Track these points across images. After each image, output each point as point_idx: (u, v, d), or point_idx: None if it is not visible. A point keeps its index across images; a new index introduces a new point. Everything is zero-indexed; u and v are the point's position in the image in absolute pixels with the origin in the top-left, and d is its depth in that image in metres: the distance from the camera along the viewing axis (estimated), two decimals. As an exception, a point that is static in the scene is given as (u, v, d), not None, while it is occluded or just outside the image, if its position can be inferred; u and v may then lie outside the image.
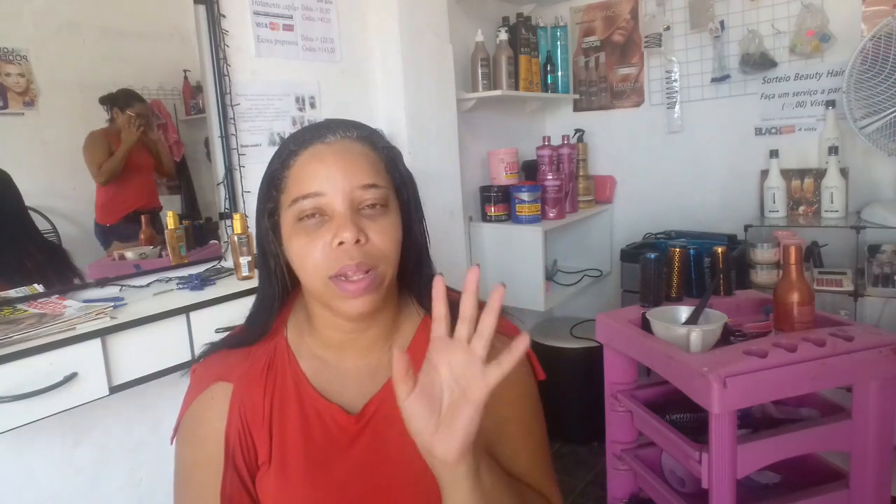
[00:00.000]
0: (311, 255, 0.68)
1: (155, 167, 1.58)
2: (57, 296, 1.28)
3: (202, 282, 1.44)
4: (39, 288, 1.26)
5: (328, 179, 0.69)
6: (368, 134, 0.75)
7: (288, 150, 0.72)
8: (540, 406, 0.83)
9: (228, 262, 1.60)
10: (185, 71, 1.57)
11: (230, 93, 1.63)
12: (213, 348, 0.80)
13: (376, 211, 0.70)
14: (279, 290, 0.77)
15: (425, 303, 0.80)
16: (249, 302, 0.82)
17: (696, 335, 1.30)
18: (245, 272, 1.47)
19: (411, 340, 0.79)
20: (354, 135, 0.73)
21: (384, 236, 0.70)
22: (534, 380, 0.83)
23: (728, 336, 1.41)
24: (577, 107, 2.91)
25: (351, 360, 0.77)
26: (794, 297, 1.36)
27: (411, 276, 0.80)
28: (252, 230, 1.48)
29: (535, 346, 2.62)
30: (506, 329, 0.80)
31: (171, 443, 0.77)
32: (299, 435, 0.73)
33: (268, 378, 0.75)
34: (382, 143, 0.75)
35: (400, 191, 0.76)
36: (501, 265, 2.39)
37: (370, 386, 0.76)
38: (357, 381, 0.76)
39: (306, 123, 1.84)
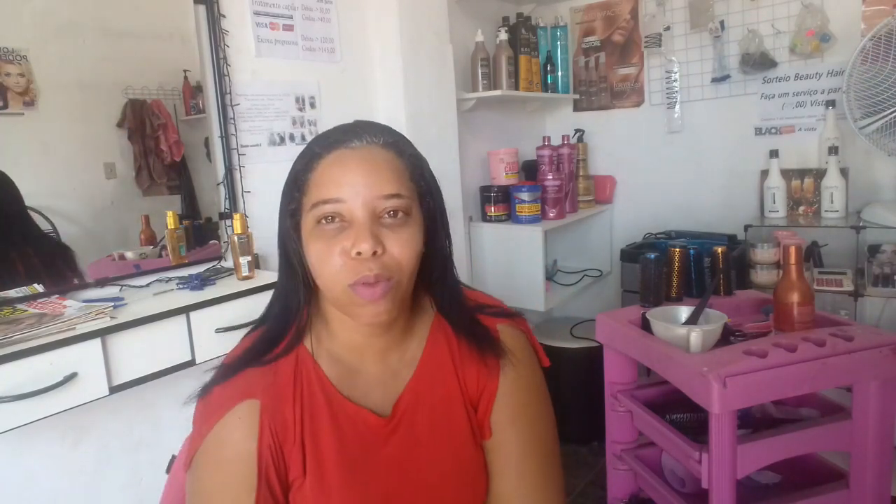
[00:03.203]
0: (330, 262, 0.68)
1: None
2: (57, 296, 1.28)
3: (202, 282, 1.44)
4: (39, 288, 1.26)
5: (350, 186, 0.68)
6: (395, 140, 0.74)
7: (312, 153, 0.72)
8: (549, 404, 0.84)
9: (228, 262, 1.60)
10: (185, 71, 1.57)
11: (230, 93, 1.63)
12: (229, 372, 0.74)
13: (397, 220, 0.69)
14: (303, 285, 0.75)
15: (447, 311, 0.81)
16: (249, 301, 0.82)
17: (696, 335, 1.30)
18: (245, 272, 1.46)
19: (427, 340, 0.80)
20: (381, 141, 0.72)
21: (403, 248, 0.69)
22: (540, 371, 0.85)
23: (728, 336, 1.41)
24: (577, 107, 2.91)
25: (371, 362, 0.77)
26: (794, 297, 1.36)
27: (436, 283, 0.80)
28: (252, 230, 1.49)
29: (535, 346, 2.63)
30: (511, 321, 0.84)
31: (185, 470, 0.72)
32: (334, 443, 0.72)
33: (295, 390, 0.73)
34: (409, 151, 0.74)
35: (424, 199, 0.74)
36: (501, 265, 2.39)
37: (394, 386, 0.77)
38: (380, 383, 0.77)
39: (306, 123, 1.84)
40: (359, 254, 0.66)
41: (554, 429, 0.83)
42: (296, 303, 0.76)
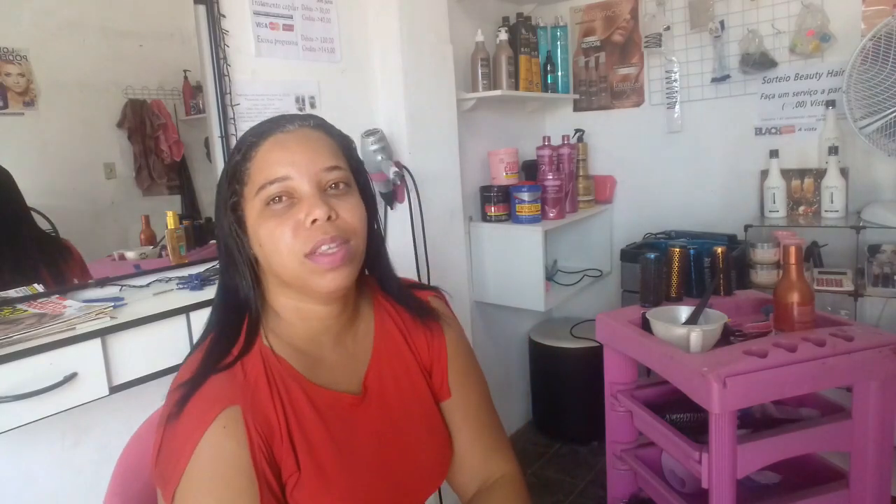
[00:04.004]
0: (284, 237, 0.70)
1: None
2: (57, 296, 1.28)
3: (202, 282, 1.44)
4: (39, 288, 1.26)
5: (293, 164, 0.71)
6: (321, 122, 0.79)
7: (248, 143, 0.74)
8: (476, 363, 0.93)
9: (228, 262, 1.60)
10: (185, 71, 1.57)
11: (230, 93, 1.63)
12: (195, 384, 0.69)
13: (341, 190, 0.74)
14: (249, 282, 0.75)
15: (388, 286, 0.87)
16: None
17: (696, 335, 1.30)
18: (245, 272, 1.46)
19: (374, 319, 0.85)
20: (311, 123, 0.77)
21: (353, 212, 0.74)
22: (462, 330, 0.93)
23: (728, 336, 1.41)
24: (577, 107, 2.91)
25: (329, 348, 0.79)
26: (794, 297, 1.36)
27: (374, 262, 0.84)
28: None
29: (535, 346, 2.63)
30: (430, 293, 0.93)
31: (170, 501, 0.65)
32: (322, 430, 0.73)
33: (271, 387, 0.72)
34: (335, 132, 0.80)
35: (357, 175, 0.79)
36: (501, 265, 2.39)
37: (355, 367, 0.80)
38: (341, 367, 0.79)
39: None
40: (314, 221, 0.70)
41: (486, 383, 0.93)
42: (243, 298, 0.76)
